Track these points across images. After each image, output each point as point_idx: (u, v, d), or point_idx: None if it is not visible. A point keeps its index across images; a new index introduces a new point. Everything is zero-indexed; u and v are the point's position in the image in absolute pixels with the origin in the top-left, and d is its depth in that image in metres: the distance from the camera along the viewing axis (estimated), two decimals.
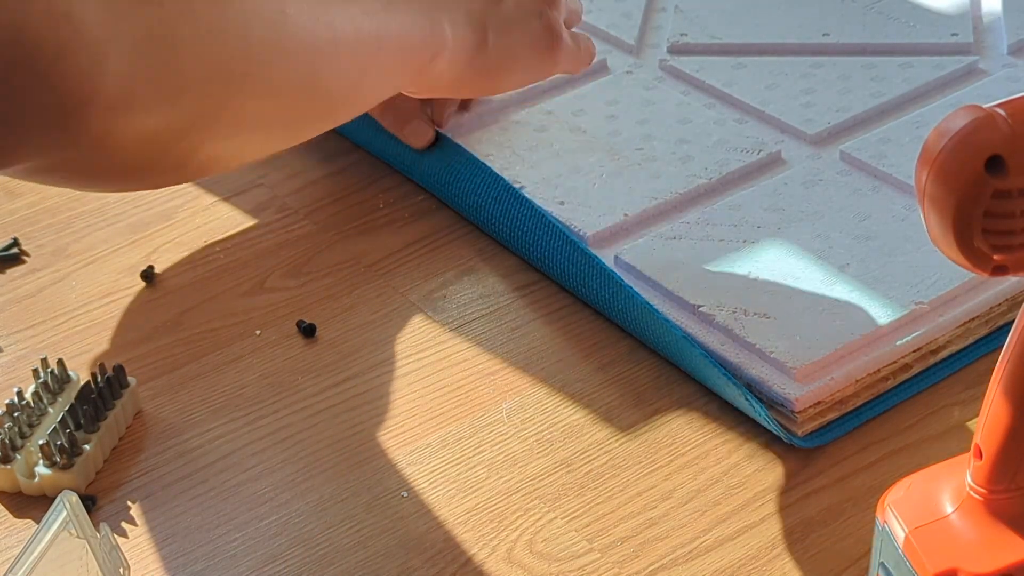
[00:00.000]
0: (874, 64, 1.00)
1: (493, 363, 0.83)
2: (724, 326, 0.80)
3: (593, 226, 0.88)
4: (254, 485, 0.77)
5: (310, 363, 0.84)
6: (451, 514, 0.74)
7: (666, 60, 1.03)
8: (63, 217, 0.96)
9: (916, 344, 0.79)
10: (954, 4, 1.05)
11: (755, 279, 0.83)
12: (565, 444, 0.78)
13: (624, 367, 0.82)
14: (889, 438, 0.77)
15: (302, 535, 0.74)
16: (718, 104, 0.99)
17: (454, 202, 0.93)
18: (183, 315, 0.88)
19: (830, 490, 0.74)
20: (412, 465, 0.77)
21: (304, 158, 1.00)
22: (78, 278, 0.91)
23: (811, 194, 0.89)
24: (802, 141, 0.95)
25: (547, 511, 0.74)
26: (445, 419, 0.80)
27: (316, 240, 0.93)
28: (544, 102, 0.99)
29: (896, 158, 0.91)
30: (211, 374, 0.83)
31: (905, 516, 0.62)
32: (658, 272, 0.84)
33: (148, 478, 0.77)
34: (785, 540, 0.72)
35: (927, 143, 0.54)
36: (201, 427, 0.80)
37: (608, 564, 0.71)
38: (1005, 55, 1.01)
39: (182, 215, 0.95)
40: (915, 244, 0.84)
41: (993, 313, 0.82)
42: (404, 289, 0.88)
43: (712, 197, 0.90)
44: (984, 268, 0.54)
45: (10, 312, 0.88)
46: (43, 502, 0.75)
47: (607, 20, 1.06)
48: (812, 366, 0.77)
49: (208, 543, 0.74)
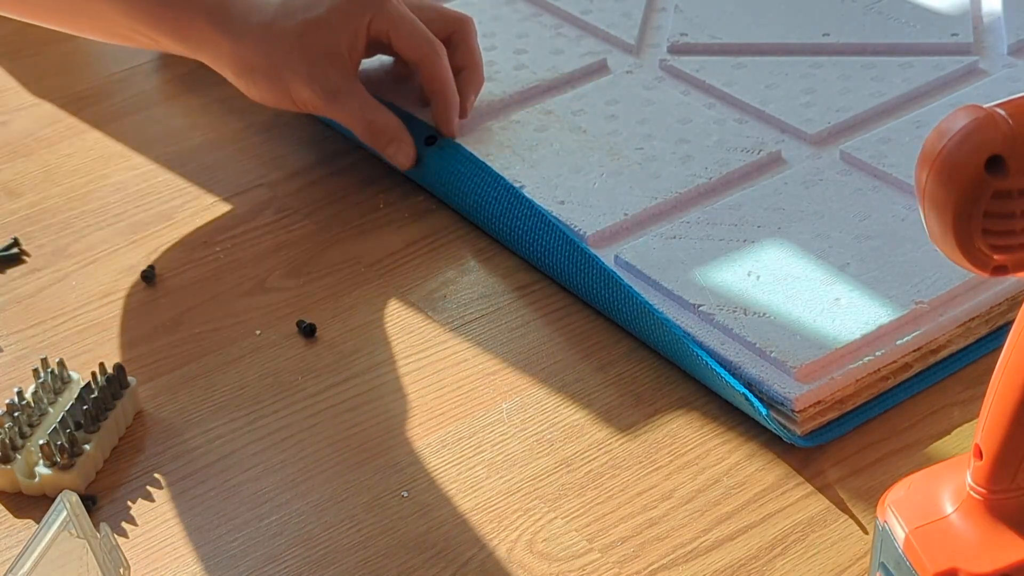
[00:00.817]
0: (874, 64, 1.00)
1: (493, 363, 0.83)
2: (724, 325, 0.80)
3: (593, 226, 0.88)
4: (254, 485, 0.77)
5: (310, 363, 0.84)
6: (451, 514, 0.74)
7: (666, 60, 1.03)
8: (63, 217, 0.96)
9: (916, 343, 0.79)
10: (954, 4, 1.05)
11: (755, 279, 0.83)
12: (565, 444, 0.78)
13: (624, 367, 0.82)
14: (889, 438, 0.77)
15: (302, 535, 0.74)
16: (718, 104, 0.99)
17: (454, 202, 0.93)
18: (183, 315, 0.87)
19: (830, 490, 0.74)
20: (412, 465, 0.77)
21: (304, 158, 1.00)
22: (78, 278, 0.91)
23: (811, 194, 0.89)
24: (802, 141, 0.95)
25: (547, 511, 0.74)
26: (445, 419, 0.80)
27: (316, 240, 0.93)
28: (544, 102, 0.99)
29: (896, 158, 0.91)
30: (211, 374, 0.83)
31: (905, 516, 0.62)
32: (658, 272, 0.84)
33: (148, 478, 0.77)
34: (785, 540, 0.72)
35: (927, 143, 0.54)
36: (201, 427, 0.80)
37: (608, 564, 0.71)
38: (1005, 55, 1.01)
39: (182, 215, 0.95)
40: (915, 244, 0.84)
41: (993, 313, 0.82)
42: (404, 289, 0.88)
43: (712, 197, 0.90)
44: (984, 268, 0.54)
45: (10, 312, 0.88)
46: (43, 502, 0.75)
47: (607, 20, 1.06)
48: (812, 365, 0.77)
49: (208, 543, 0.74)
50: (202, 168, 0.99)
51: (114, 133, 1.03)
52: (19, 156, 1.02)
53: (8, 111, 1.07)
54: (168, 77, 1.09)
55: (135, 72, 1.10)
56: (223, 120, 1.04)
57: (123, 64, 1.10)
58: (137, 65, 1.10)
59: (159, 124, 1.04)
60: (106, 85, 1.08)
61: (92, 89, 1.08)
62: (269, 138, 1.02)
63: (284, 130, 1.02)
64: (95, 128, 1.04)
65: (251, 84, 0.94)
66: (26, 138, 1.03)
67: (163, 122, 1.05)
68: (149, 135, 1.03)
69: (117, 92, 1.08)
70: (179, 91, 1.08)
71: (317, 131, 1.02)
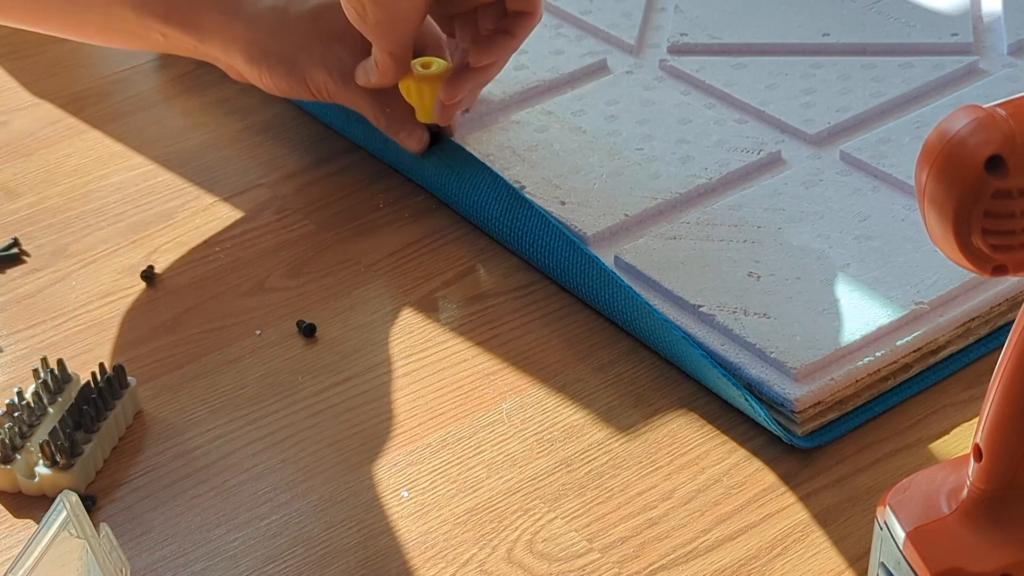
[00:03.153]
0: (874, 64, 1.00)
1: (493, 363, 0.83)
2: (724, 326, 0.80)
3: (593, 226, 0.88)
4: (254, 485, 0.77)
5: (310, 363, 0.84)
6: (451, 514, 0.74)
7: (666, 60, 1.03)
8: (63, 217, 0.96)
9: (916, 344, 0.79)
10: (954, 4, 1.05)
11: (755, 280, 0.83)
12: (565, 444, 0.78)
13: (624, 367, 0.82)
14: (889, 438, 0.77)
15: (302, 535, 0.74)
16: (718, 104, 0.99)
17: (454, 202, 0.93)
18: (183, 315, 0.88)
19: (830, 490, 0.74)
20: (412, 465, 0.77)
21: (304, 158, 1.00)
22: (78, 278, 0.91)
23: (811, 194, 0.89)
24: (802, 141, 0.95)
25: (547, 511, 0.74)
26: (445, 419, 0.80)
27: (316, 240, 0.93)
28: (544, 102, 0.99)
29: (896, 158, 0.91)
30: (211, 374, 0.83)
31: (905, 516, 0.62)
32: (658, 272, 0.84)
33: (148, 478, 0.77)
34: (785, 540, 0.72)
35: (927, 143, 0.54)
36: (201, 427, 0.80)
37: (608, 564, 0.71)
38: (1005, 55, 1.01)
39: (182, 215, 0.95)
40: (915, 244, 0.84)
41: (993, 313, 0.82)
42: (404, 289, 0.88)
43: (712, 197, 0.90)
44: (984, 268, 0.54)
45: (10, 312, 0.88)
46: (43, 502, 0.75)
47: (607, 20, 1.06)
48: (812, 366, 0.77)
49: (208, 543, 0.74)
50: (202, 168, 0.99)
51: (114, 133, 1.03)
52: (19, 156, 1.02)
53: (8, 111, 1.07)
54: (168, 77, 1.09)
55: (135, 72, 1.10)
56: (223, 120, 1.04)
57: (123, 64, 1.10)
58: (137, 65, 1.10)
59: (159, 124, 1.04)
60: (106, 85, 1.08)
61: (92, 89, 1.08)
62: (269, 138, 1.02)
63: (284, 130, 1.02)
64: (95, 128, 1.04)
65: (264, 70, 0.93)
66: (26, 138, 1.03)
67: (163, 122, 1.05)
68: (149, 135, 1.03)
69: (117, 92, 1.08)
70: (179, 91, 1.08)
71: (317, 131, 1.02)
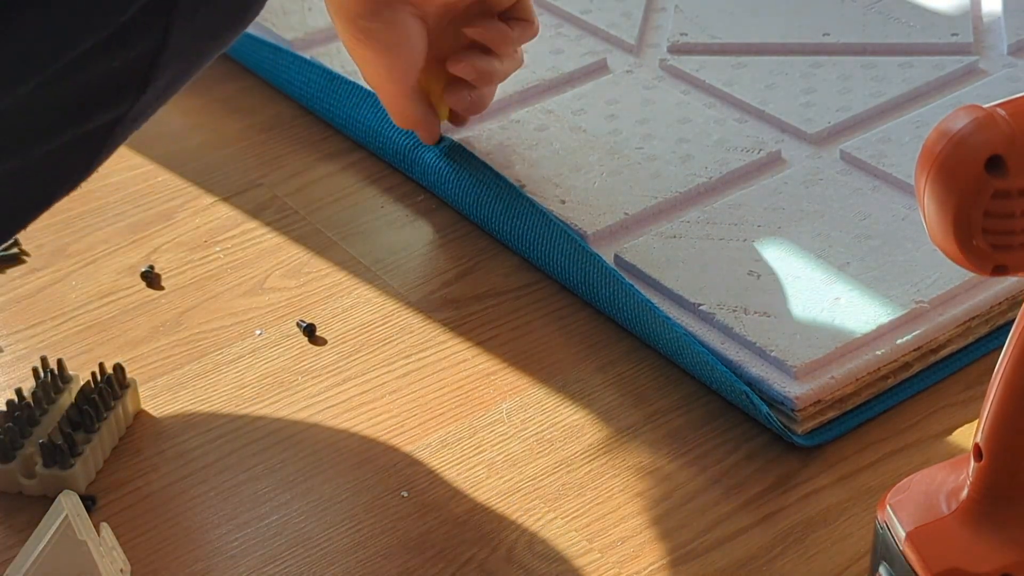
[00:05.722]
0: (874, 64, 1.00)
1: (493, 363, 0.83)
2: (724, 325, 0.80)
3: (594, 225, 0.88)
4: (254, 485, 0.77)
5: (310, 363, 0.84)
6: (451, 514, 0.74)
7: (666, 60, 1.03)
8: (63, 217, 0.96)
9: (916, 343, 0.79)
10: (954, 4, 1.05)
11: (755, 278, 0.83)
12: (565, 444, 0.78)
13: (624, 367, 0.82)
14: (889, 438, 0.77)
15: (302, 535, 0.74)
16: (718, 104, 0.99)
17: (455, 201, 0.93)
18: (183, 315, 0.88)
19: (830, 490, 0.74)
20: (412, 465, 0.77)
21: (304, 158, 1.00)
22: (78, 278, 0.91)
23: (811, 193, 0.89)
24: (802, 141, 0.95)
25: (547, 511, 0.74)
26: (445, 419, 0.80)
27: (316, 240, 0.93)
28: (544, 101, 0.99)
29: (896, 158, 0.91)
30: (211, 374, 0.83)
31: (905, 516, 0.62)
32: (658, 271, 0.84)
33: (148, 478, 0.77)
34: (785, 540, 0.72)
35: (927, 143, 0.54)
36: (201, 427, 0.80)
37: (608, 564, 0.71)
38: (1005, 55, 1.01)
39: (182, 215, 0.95)
40: (915, 243, 0.84)
41: (993, 312, 0.82)
42: (404, 289, 0.88)
43: (712, 196, 0.90)
44: (984, 268, 0.54)
45: (10, 312, 0.88)
46: (43, 502, 0.75)
47: (607, 20, 1.06)
48: (812, 364, 0.77)
49: (208, 543, 0.74)
50: (202, 168, 0.99)
51: None
52: None
53: None
54: None
55: None
56: (223, 120, 1.04)
57: None
58: None
59: (159, 124, 1.03)
60: None
61: None
62: (269, 138, 1.02)
63: (284, 130, 1.02)
64: None
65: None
66: None
67: (163, 122, 1.04)
68: (149, 135, 1.02)
69: None
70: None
71: (318, 131, 1.02)
